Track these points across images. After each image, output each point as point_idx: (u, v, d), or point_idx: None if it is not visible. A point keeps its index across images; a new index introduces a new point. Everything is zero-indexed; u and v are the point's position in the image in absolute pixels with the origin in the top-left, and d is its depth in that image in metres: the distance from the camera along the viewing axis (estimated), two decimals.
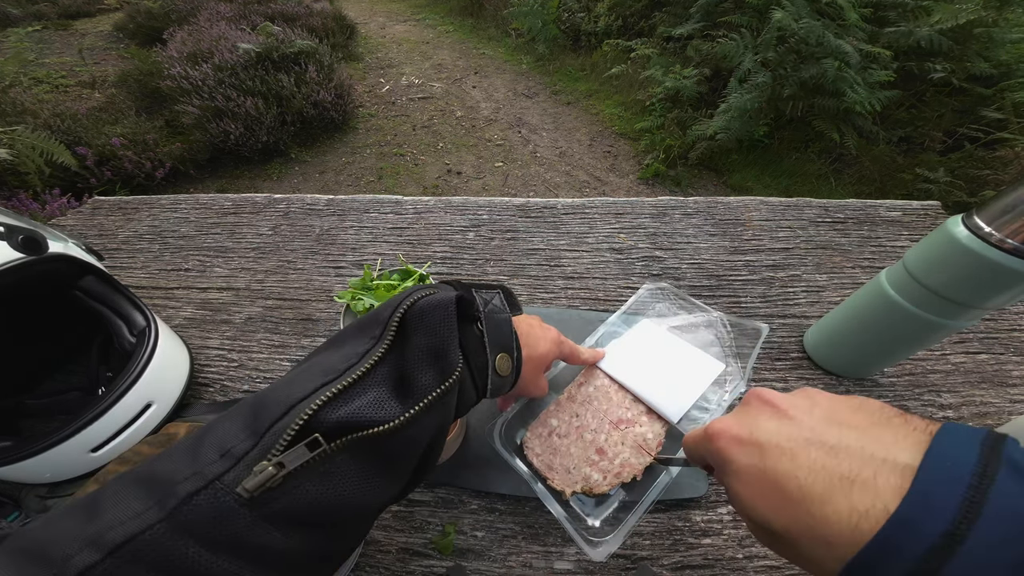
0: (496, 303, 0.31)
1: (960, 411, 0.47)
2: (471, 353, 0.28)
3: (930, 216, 0.68)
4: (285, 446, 0.19)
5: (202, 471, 0.18)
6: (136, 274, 0.65)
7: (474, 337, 0.29)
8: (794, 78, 2.05)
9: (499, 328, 0.30)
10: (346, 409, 0.21)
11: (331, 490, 0.20)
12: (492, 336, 0.30)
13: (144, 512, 0.17)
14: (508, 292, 0.34)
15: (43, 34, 3.95)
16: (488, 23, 4.23)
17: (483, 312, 0.30)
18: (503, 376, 0.30)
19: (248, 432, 0.20)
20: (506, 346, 0.30)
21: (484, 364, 0.29)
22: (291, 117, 2.65)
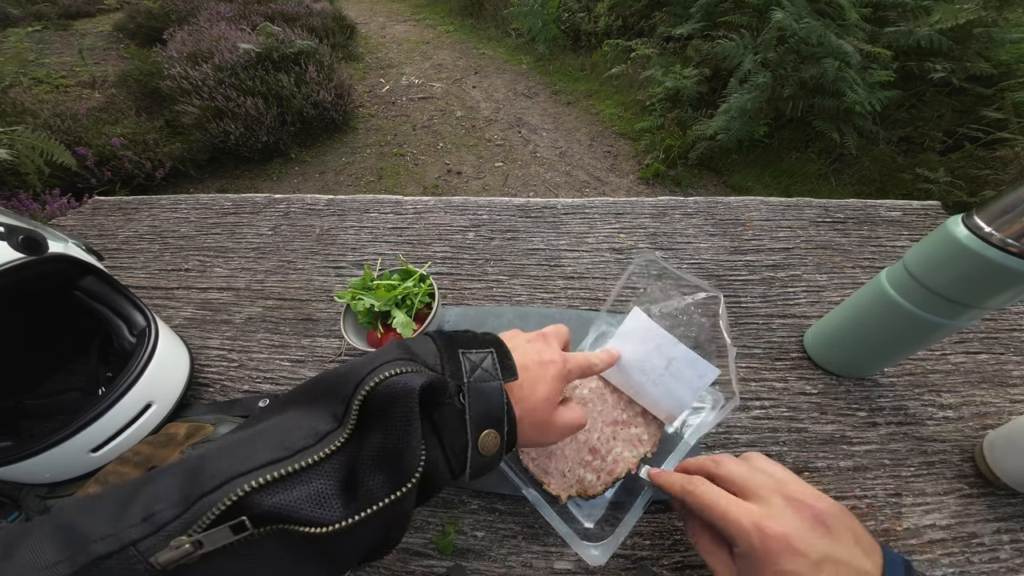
0: (487, 365, 0.27)
1: (960, 411, 0.47)
2: (447, 432, 0.25)
3: (930, 216, 0.68)
4: (209, 524, 0.18)
5: (118, 534, 0.17)
6: (136, 274, 0.65)
7: (453, 414, 0.25)
8: (794, 78, 2.06)
9: (487, 399, 0.26)
10: (283, 497, 0.19)
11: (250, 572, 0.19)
12: (476, 410, 0.25)
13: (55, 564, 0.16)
14: (502, 351, 0.29)
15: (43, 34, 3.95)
16: (488, 23, 4.23)
17: (467, 381, 0.26)
18: (487, 456, 0.26)
19: (180, 496, 0.19)
20: (494, 419, 0.26)
21: (463, 446, 0.25)
22: (291, 117, 2.65)
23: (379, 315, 0.50)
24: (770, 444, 0.45)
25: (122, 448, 0.43)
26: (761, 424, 0.46)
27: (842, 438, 0.45)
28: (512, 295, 0.60)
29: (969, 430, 0.45)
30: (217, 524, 0.18)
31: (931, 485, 0.42)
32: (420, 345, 0.27)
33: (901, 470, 0.43)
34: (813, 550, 0.24)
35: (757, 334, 0.54)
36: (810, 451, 0.44)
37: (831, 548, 0.24)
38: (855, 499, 0.41)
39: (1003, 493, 0.41)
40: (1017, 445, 0.39)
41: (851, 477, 0.42)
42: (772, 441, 0.45)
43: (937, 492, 0.41)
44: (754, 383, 0.49)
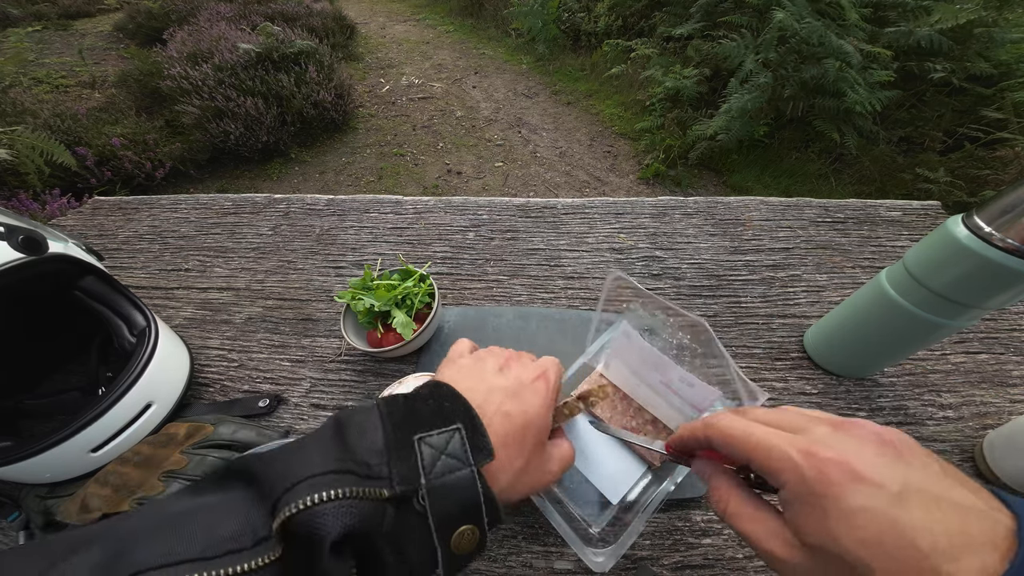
0: (453, 449, 0.23)
1: (960, 411, 0.47)
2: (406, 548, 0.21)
3: (930, 216, 0.68)
4: None
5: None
6: (136, 274, 0.65)
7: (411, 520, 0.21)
8: (795, 78, 2.06)
9: (455, 494, 0.22)
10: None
11: None
12: (443, 511, 0.21)
13: None
14: (472, 425, 0.24)
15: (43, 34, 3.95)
16: (488, 23, 4.23)
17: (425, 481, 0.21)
18: (462, 554, 0.22)
19: None
20: (469, 515, 0.22)
21: (430, 554, 0.21)
22: (291, 117, 2.65)
23: (379, 315, 0.50)
24: None
25: (122, 448, 0.43)
26: None
27: None
28: (512, 295, 0.60)
29: (969, 430, 0.45)
30: None
31: None
32: (366, 434, 0.22)
33: None
34: (888, 478, 0.18)
35: (757, 334, 0.54)
36: None
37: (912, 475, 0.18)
38: None
39: None
40: (1017, 445, 0.39)
41: None
42: None
43: None
44: (754, 383, 0.49)
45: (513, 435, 0.25)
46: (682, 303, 0.58)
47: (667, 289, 0.59)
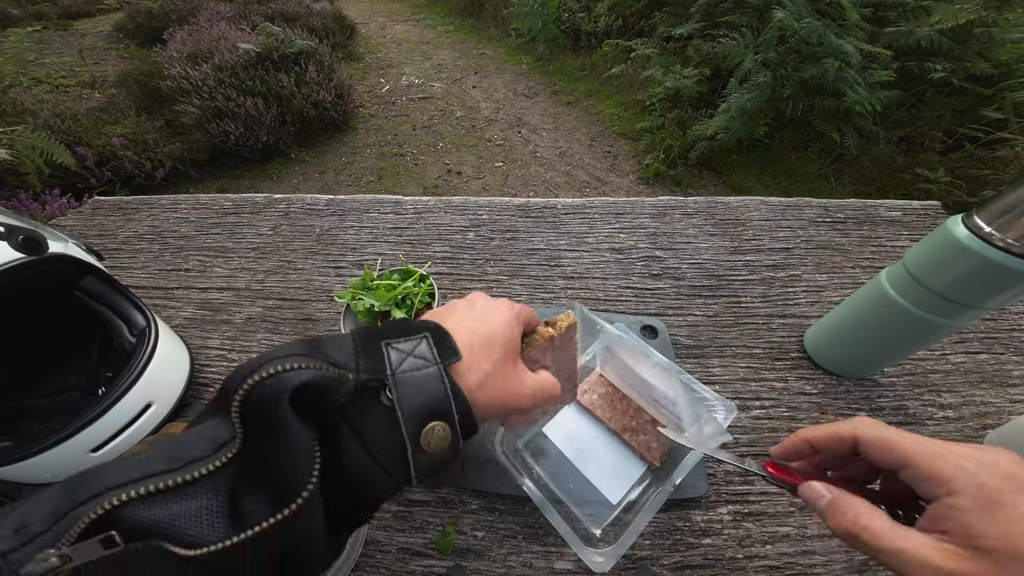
0: (421, 352, 0.23)
1: (960, 411, 0.47)
2: (370, 435, 0.21)
3: (930, 216, 0.68)
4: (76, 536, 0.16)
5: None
6: (136, 274, 0.65)
7: (380, 412, 0.22)
8: (795, 78, 2.06)
9: (422, 389, 0.22)
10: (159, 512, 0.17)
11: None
12: (411, 404, 0.22)
13: None
14: (439, 333, 0.25)
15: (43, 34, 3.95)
16: (488, 23, 4.23)
17: (391, 373, 0.22)
18: (436, 452, 0.22)
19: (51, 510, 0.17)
20: (437, 411, 0.22)
21: (399, 449, 0.22)
22: (291, 117, 2.65)
23: (379, 315, 0.50)
24: (770, 444, 0.45)
25: (122, 448, 0.43)
26: (761, 424, 0.46)
27: None
28: (512, 295, 0.60)
29: (969, 430, 0.45)
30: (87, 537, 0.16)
31: None
32: (334, 343, 0.23)
33: None
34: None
35: (757, 334, 0.54)
36: None
37: None
38: None
39: None
40: (1017, 445, 0.39)
41: None
42: (772, 441, 0.45)
43: None
44: (754, 383, 0.49)
45: (479, 343, 0.26)
46: (682, 303, 0.58)
47: (667, 289, 0.59)
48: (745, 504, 0.41)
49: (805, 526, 0.40)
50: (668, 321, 0.55)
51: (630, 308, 0.57)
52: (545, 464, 0.41)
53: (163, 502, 0.18)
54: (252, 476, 0.19)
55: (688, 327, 0.55)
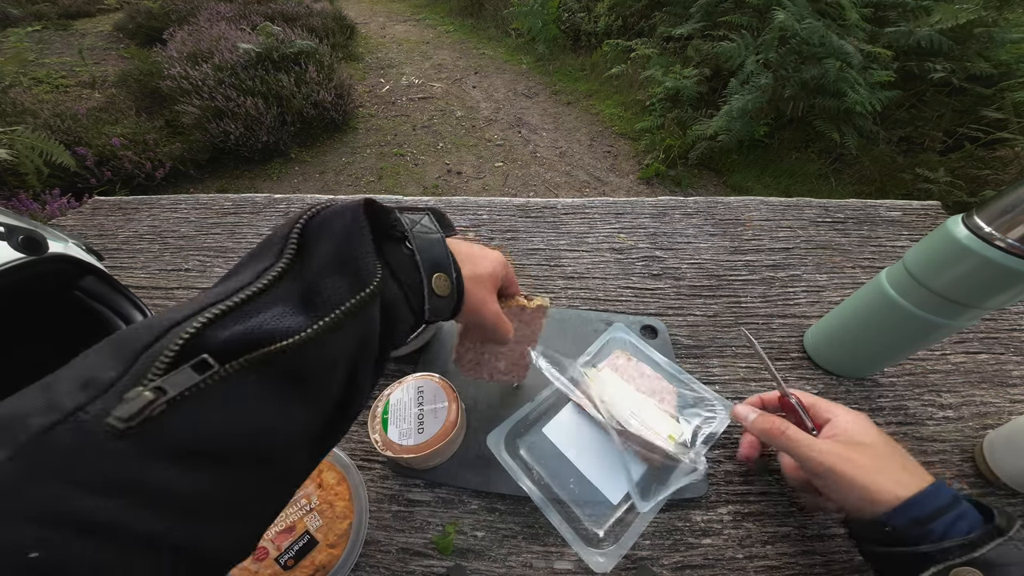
0: (426, 223, 0.28)
1: (960, 411, 0.47)
2: (401, 271, 0.26)
3: (930, 216, 0.68)
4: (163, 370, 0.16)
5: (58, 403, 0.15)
6: (136, 274, 0.65)
7: (403, 255, 0.26)
8: (795, 78, 2.06)
9: (431, 247, 0.27)
10: (241, 327, 0.18)
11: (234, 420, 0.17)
12: (424, 254, 0.27)
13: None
14: (439, 213, 0.31)
15: (43, 34, 3.95)
16: (488, 23, 4.23)
17: (410, 231, 0.27)
18: (443, 296, 0.28)
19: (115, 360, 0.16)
20: (442, 265, 0.28)
21: (419, 283, 0.26)
22: (291, 117, 2.65)
23: None
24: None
25: None
26: None
27: None
28: None
29: (969, 430, 0.45)
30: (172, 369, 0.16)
31: None
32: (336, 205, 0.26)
33: None
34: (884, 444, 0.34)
35: (757, 334, 0.54)
36: None
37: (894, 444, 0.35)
38: None
39: (1003, 493, 0.41)
40: (1017, 445, 0.39)
41: None
42: None
43: None
44: (754, 383, 0.49)
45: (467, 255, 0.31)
46: (682, 303, 0.58)
47: (667, 289, 0.59)
48: (745, 504, 0.41)
49: (805, 526, 0.40)
50: (668, 321, 0.55)
51: (630, 308, 0.57)
52: (545, 464, 0.41)
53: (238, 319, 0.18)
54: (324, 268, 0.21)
55: (688, 327, 0.55)
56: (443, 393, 0.42)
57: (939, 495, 0.31)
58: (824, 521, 0.40)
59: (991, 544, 0.27)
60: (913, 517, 0.30)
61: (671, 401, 0.45)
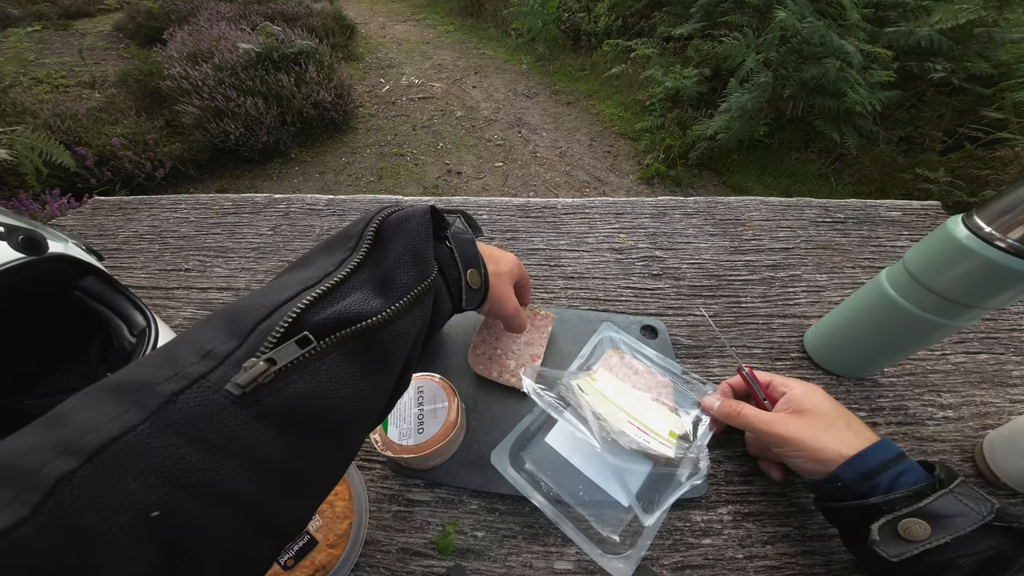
0: (459, 224, 0.33)
1: (960, 411, 0.47)
2: (445, 266, 0.31)
3: (930, 216, 0.68)
4: (274, 344, 0.19)
5: (183, 371, 0.17)
6: (136, 274, 0.65)
7: (445, 252, 0.31)
8: (795, 78, 2.06)
9: (465, 246, 0.32)
10: (333, 309, 0.21)
11: (324, 390, 0.20)
12: (461, 252, 0.32)
13: (122, 415, 0.15)
14: (468, 216, 0.36)
15: (43, 34, 3.95)
16: (488, 23, 4.23)
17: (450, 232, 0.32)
18: (475, 289, 0.33)
19: (229, 334, 0.19)
20: (474, 262, 0.33)
21: (457, 276, 0.31)
22: (291, 117, 2.65)
23: None
24: None
25: None
26: None
27: None
28: None
29: (969, 430, 0.45)
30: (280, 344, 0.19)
31: None
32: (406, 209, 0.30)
33: None
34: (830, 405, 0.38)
35: (757, 334, 0.54)
36: None
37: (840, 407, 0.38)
38: None
39: (1003, 493, 0.41)
40: (1017, 445, 0.39)
41: None
42: None
43: None
44: None
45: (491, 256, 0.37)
46: (682, 303, 0.58)
47: (667, 289, 0.59)
48: (745, 504, 0.41)
49: (805, 526, 0.40)
50: (668, 321, 0.55)
51: (630, 308, 0.57)
52: (552, 474, 0.41)
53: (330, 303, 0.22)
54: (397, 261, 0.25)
55: (688, 327, 0.55)
56: (443, 393, 0.42)
57: (884, 451, 0.33)
58: (824, 521, 0.40)
59: (933, 496, 0.29)
60: (860, 472, 0.32)
61: (668, 395, 0.45)
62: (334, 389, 0.20)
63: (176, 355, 0.18)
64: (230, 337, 0.19)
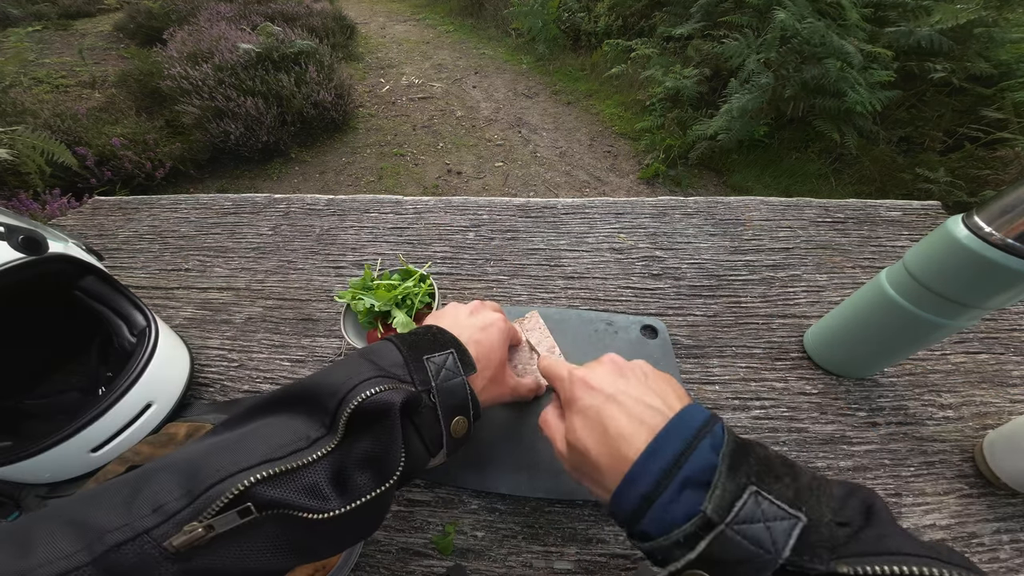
0: (449, 365, 0.31)
1: (960, 411, 0.47)
2: (424, 428, 0.29)
3: (930, 216, 0.68)
4: (217, 511, 0.20)
5: (132, 524, 0.19)
6: (136, 274, 0.65)
7: (427, 411, 0.29)
8: (796, 78, 2.05)
9: (454, 394, 0.30)
10: (282, 490, 0.22)
11: (255, 553, 0.22)
12: (446, 405, 0.30)
13: (74, 554, 0.18)
14: (460, 349, 0.33)
15: (43, 34, 3.95)
16: (488, 23, 4.23)
17: (435, 384, 0.30)
18: (457, 436, 0.31)
19: (184, 491, 0.21)
20: (461, 408, 0.31)
21: (439, 435, 0.30)
22: (291, 117, 2.65)
23: (379, 315, 0.50)
24: (770, 444, 0.45)
25: (122, 448, 0.43)
26: (761, 424, 0.46)
27: (842, 438, 0.45)
28: (512, 295, 0.60)
29: (969, 430, 0.45)
30: (224, 512, 0.20)
31: (931, 485, 0.42)
32: (386, 357, 0.30)
33: (901, 470, 0.43)
34: (607, 387, 0.28)
35: (757, 334, 0.54)
36: (810, 451, 0.44)
37: (622, 385, 0.28)
38: None
39: (1003, 493, 0.41)
40: (1017, 445, 0.39)
41: (851, 477, 0.42)
42: (772, 441, 0.45)
43: (937, 492, 0.41)
44: (754, 383, 0.49)
45: (483, 356, 0.34)
46: (682, 303, 0.58)
47: (667, 289, 0.59)
48: None
49: None
50: (668, 321, 0.55)
51: (630, 308, 0.57)
52: None
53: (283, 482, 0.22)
54: (358, 461, 0.25)
55: (688, 327, 0.55)
56: None
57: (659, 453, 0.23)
58: None
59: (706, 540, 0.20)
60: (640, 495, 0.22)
61: None
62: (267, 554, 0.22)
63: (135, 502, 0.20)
64: (184, 494, 0.21)
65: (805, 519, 0.19)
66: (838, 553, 0.19)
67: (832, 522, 0.20)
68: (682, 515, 0.21)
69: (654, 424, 0.24)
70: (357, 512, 0.24)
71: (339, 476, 0.24)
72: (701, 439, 0.22)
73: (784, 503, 0.20)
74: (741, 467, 0.21)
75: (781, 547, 0.19)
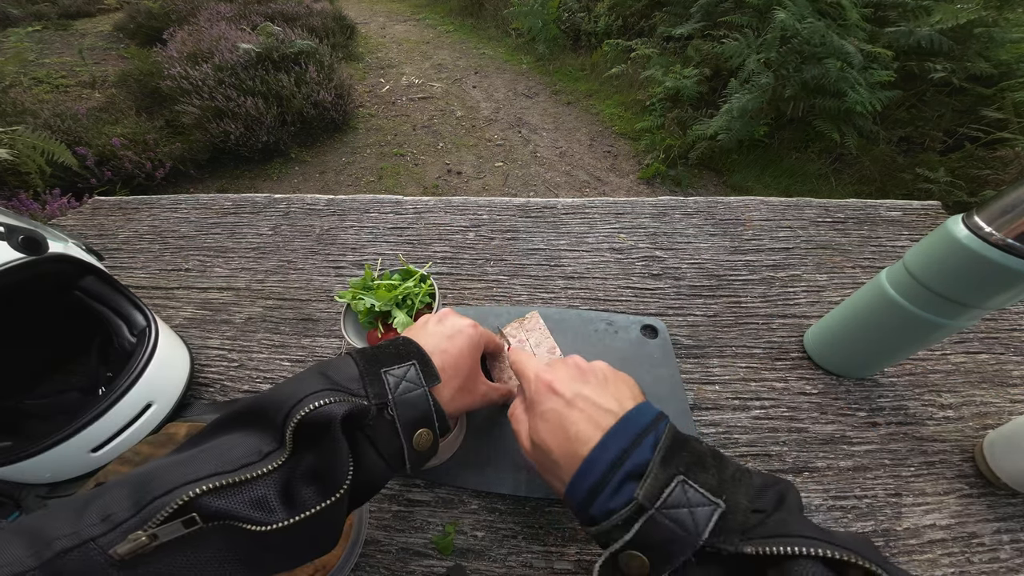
0: (411, 377, 0.30)
1: (960, 411, 0.47)
2: (380, 441, 0.28)
3: (930, 216, 0.68)
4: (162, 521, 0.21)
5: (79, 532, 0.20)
6: (136, 274, 0.65)
7: (384, 424, 0.28)
8: (796, 78, 2.05)
9: (415, 407, 0.29)
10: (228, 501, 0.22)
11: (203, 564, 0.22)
12: (406, 418, 0.29)
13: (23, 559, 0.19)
14: (423, 360, 0.32)
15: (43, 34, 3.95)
16: (488, 23, 4.24)
17: (392, 397, 0.29)
18: (424, 450, 0.30)
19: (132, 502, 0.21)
20: (425, 421, 0.30)
21: (398, 448, 0.29)
22: (291, 117, 2.65)
23: (379, 315, 0.50)
24: (770, 444, 0.45)
25: (122, 448, 0.43)
26: (761, 424, 0.46)
27: (842, 438, 0.45)
28: (512, 295, 0.60)
29: (969, 430, 0.45)
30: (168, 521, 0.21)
31: (931, 485, 0.42)
32: (342, 370, 0.29)
33: (901, 470, 0.43)
34: (567, 392, 0.29)
35: (757, 334, 0.54)
36: (810, 451, 0.44)
37: (582, 389, 0.29)
38: (855, 499, 0.41)
39: (1003, 493, 0.41)
40: (1017, 445, 0.39)
41: (851, 477, 0.42)
42: (772, 441, 0.45)
43: (937, 492, 0.41)
44: (754, 383, 0.49)
45: (450, 365, 0.33)
46: (682, 303, 0.58)
47: (667, 289, 0.59)
48: None
49: None
50: (668, 321, 0.55)
51: (630, 308, 0.57)
52: None
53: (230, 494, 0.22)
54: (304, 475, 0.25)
55: (688, 327, 0.55)
56: None
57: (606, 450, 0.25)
58: (824, 521, 0.40)
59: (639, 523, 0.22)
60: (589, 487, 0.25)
61: None
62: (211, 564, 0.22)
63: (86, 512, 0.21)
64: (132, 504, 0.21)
65: (724, 506, 0.22)
66: (748, 536, 0.21)
67: (748, 509, 0.22)
68: (621, 503, 0.23)
69: (607, 425, 0.27)
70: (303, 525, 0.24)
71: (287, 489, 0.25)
72: (645, 436, 0.25)
73: (707, 491, 0.22)
74: (674, 460, 0.24)
75: (701, 529, 0.21)
